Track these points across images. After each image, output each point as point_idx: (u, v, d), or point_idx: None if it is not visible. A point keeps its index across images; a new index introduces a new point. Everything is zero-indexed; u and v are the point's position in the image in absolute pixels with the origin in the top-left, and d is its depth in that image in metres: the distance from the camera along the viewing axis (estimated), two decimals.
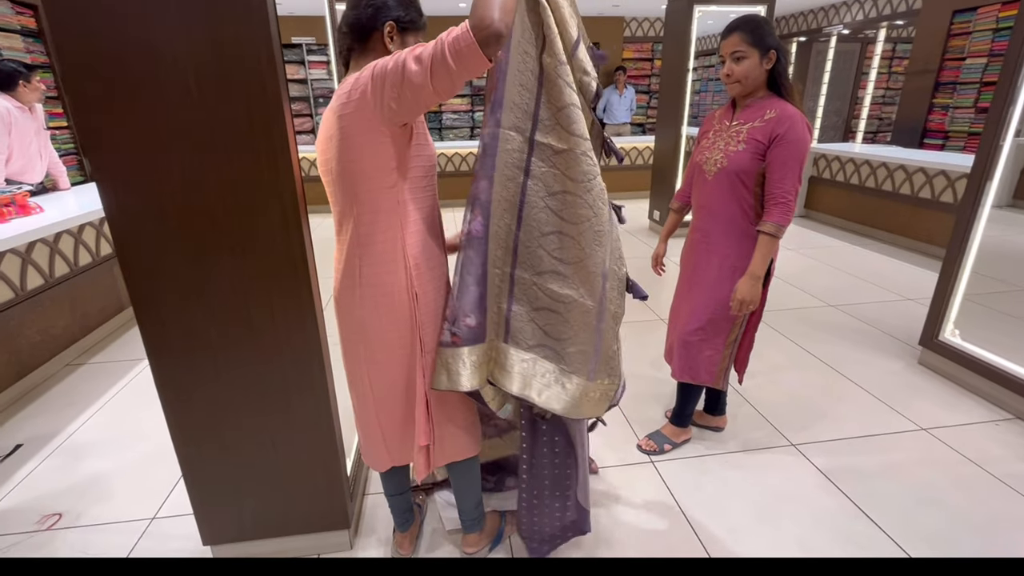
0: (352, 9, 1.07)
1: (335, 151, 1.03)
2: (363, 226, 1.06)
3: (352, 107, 0.98)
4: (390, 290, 1.09)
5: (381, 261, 1.08)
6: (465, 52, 0.86)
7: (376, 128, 0.99)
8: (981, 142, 2.17)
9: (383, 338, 1.13)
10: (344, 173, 1.04)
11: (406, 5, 1.08)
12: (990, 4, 4.96)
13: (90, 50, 0.96)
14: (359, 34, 1.07)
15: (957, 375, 2.29)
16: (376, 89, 0.95)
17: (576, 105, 1.07)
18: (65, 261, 2.62)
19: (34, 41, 4.10)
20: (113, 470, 1.85)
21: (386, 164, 1.02)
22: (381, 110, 0.96)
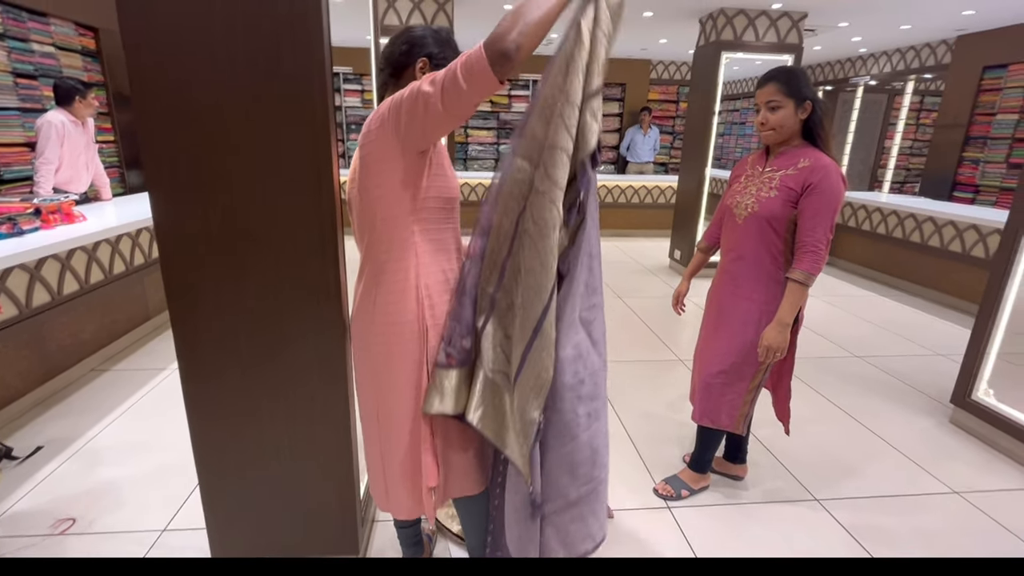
0: (390, 45, 1.12)
1: (358, 179, 1.06)
2: (379, 255, 1.08)
3: (373, 136, 1.01)
4: (401, 320, 1.08)
5: (394, 292, 1.07)
6: (476, 71, 0.86)
7: (394, 156, 1.00)
8: (1015, 198, 2.14)
9: (392, 372, 1.11)
10: (363, 201, 1.06)
11: (441, 43, 1.11)
12: (1020, 62, 4.98)
13: (159, 71, 1.02)
14: (394, 69, 1.11)
15: (991, 437, 2.20)
16: (393, 116, 0.97)
17: (565, 150, 1.01)
18: (101, 269, 2.71)
19: (92, 61, 4.35)
20: (129, 478, 1.86)
21: (401, 193, 1.03)
22: (397, 136, 0.98)
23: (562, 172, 1.02)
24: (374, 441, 1.19)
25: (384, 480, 1.21)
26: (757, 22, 4.50)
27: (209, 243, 1.12)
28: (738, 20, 4.48)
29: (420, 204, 1.05)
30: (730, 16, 4.47)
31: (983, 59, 5.28)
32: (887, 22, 5.11)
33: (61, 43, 3.99)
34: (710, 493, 1.86)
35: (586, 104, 1.03)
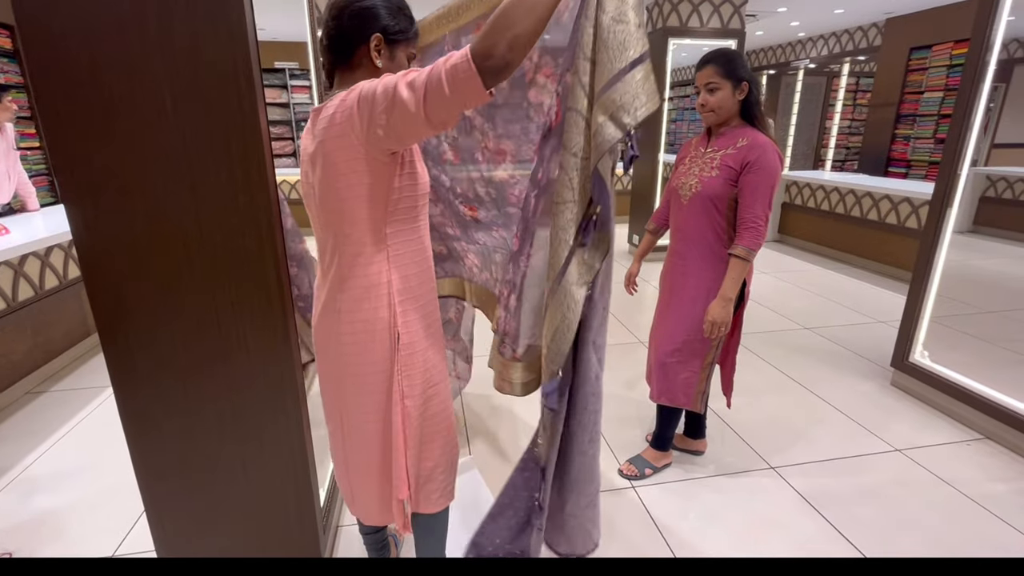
0: (334, 19, 0.97)
1: (318, 176, 0.95)
2: (346, 257, 0.99)
3: (336, 131, 0.90)
4: (371, 327, 1.01)
5: (363, 296, 1.00)
6: (463, 82, 0.77)
7: (361, 156, 0.90)
8: (940, 172, 2.28)
9: (359, 379, 1.04)
10: (327, 200, 0.96)
11: (394, 12, 0.98)
12: (943, 42, 5.28)
13: (64, 68, 0.95)
14: (343, 48, 0.97)
15: (928, 396, 2.34)
16: (363, 114, 0.86)
17: (574, 153, 0.97)
18: (30, 284, 2.53)
19: (9, 61, 4.04)
20: (71, 505, 1.75)
21: (371, 194, 0.94)
22: (367, 137, 0.88)
23: (567, 182, 1.02)
24: (339, 447, 1.15)
25: (350, 486, 1.17)
26: (701, 8, 4.59)
27: (134, 252, 1.05)
28: (683, 7, 4.57)
29: (392, 205, 0.97)
30: (675, 3, 4.55)
31: (910, 40, 5.58)
32: (822, 6, 5.32)
33: None
34: (672, 470, 1.91)
35: (603, 92, 0.93)
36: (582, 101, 0.99)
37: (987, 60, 2.06)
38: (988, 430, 2.10)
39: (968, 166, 2.20)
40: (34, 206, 3.36)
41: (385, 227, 0.98)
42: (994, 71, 2.08)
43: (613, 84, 0.92)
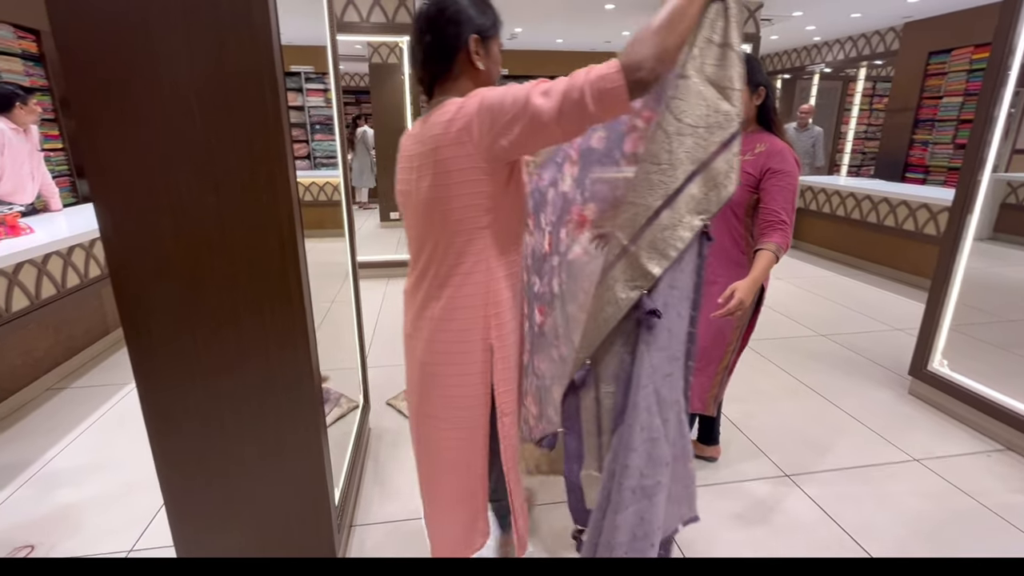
0: (429, 33, 0.96)
1: (426, 183, 0.94)
2: (446, 266, 0.98)
3: (452, 138, 0.89)
4: (466, 338, 0.99)
5: (461, 305, 0.98)
6: (609, 92, 0.77)
7: (476, 164, 0.90)
8: (960, 178, 2.25)
9: (446, 391, 1.03)
10: (432, 206, 0.95)
11: (482, 8, 0.97)
12: (963, 47, 5.21)
13: (95, 73, 0.97)
14: (442, 58, 0.96)
15: (947, 405, 2.31)
16: (484, 123, 0.86)
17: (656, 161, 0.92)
18: (52, 283, 2.59)
19: (34, 65, 4.14)
20: (90, 500, 1.78)
21: (481, 203, 0.93)
22: (487, 146, 0.88)
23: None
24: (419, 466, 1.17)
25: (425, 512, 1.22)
26: None
27: (160, 252, 1.08)
28: None
29: (499, 216, 0.96)
30: None
31: (928, 45, 5.51)
32: (838, 10, 5.27)
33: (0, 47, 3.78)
34: None
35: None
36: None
37: (1009, 64, 2.03)
38: (1009, 441, 2.06)
39: (989, 172, 2.16)
40: (57, 206, 3.43)
41: (491, 237, 0.97)
42: (1016, 75, 2.05)
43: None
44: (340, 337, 2.24)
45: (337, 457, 1.49)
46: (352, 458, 1.81)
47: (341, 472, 1.67)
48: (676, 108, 0.92)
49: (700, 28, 0.90)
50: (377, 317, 3.54)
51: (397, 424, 2.24)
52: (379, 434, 2.18)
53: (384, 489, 1.84)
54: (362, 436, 2.06)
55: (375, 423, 2.25)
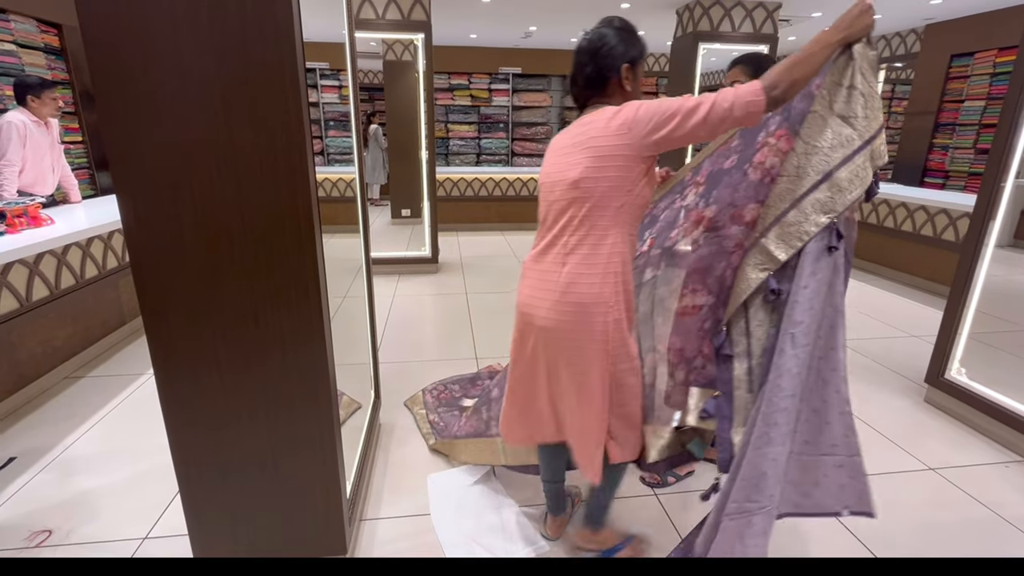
0: (589, 64, 1.23)
1: (581, 165, 1.17)
2: (586, 244, 1.18)
3: (612, 131, 1.14)
4: (593, 310, 1.18)
5: (593, 277, 1.18)
6: (753, 106, 1.05)
7: (630, 152, 1.14)
8: (983, 183, 2.20)
9: (580, 351, 1.21)
10: (583, 185, 1.16)
11: (631, 40, 1.23)
12: (987, 50, 5.11)
13: (121, 66, 0.99)
14: (600, 84, 1.23)
15: (964, 414, 2.27)
16: (643, 120, 1.11)
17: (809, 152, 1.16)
18: (72, 273, 2.63)
19: (56, 58, 4.20)
20: (106, 487, 1.81)
21: (623, 185, 1.16)
22: (643, 136, 1.12)
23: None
24: (543, 407, 1.36)
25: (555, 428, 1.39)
26: (733, 12, 4.54)
27: (181, 244, 1.09)
28: (714, 11, 4.52)
29: (633, 201, 1.18)
30: (706, 7, 4.50)
31: (951, 47, 5.41)
32: None
33: (23, 40, 3.85)
34: (696, 479, 1.88)
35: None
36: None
37: None
38: None
39: (1013, 178, 2.12)
40: (76, 198, 3.49)
41: (625, 217, 1.19)
42: None
43: (878, 135, 1.13)
44: (352, 332, 2.25)
45: (348, 452, 1.50)
46: (363, 453, 1.82)
47: (352, 467, 1.69)
48: (806, 135, 1.16)
49: (830, 73, 1.13)
50: (388, 313, 3.56)
51: (407, 420, 2.25)
52: (389, 430, 2.19)
53: (394, 484, 1.85)
54: (373, 431, 2.07)
55: (385, 419, 2.26)
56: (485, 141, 8.35)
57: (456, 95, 8.08)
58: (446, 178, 6.18)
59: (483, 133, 8.33)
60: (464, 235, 6.12)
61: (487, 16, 5.54)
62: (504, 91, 8.13)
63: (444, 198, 6.20)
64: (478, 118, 8.24)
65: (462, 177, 6.27)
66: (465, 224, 6.34)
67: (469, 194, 6.32)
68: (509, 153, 8.43)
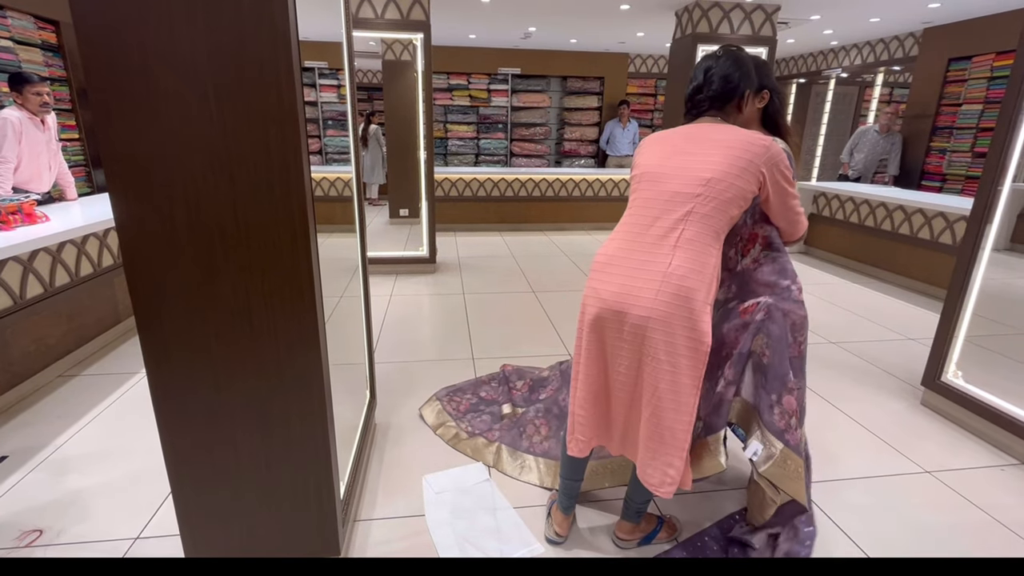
0: (717, 81, 1.35)
1: (714, 169, 1.24)
2: (699, 242, 1.24)
3: (750, 154, 1.25)
4: (695, 305, 1.21)
5: (702, 275, 1.23)
6: (796, 237, 1.43)
7: (757, 176, 1.26)
8: (980, 187, 2.21)
9: (672, 339, 1.21)
10: (716, 190, 1.24)
11: (762, 73, 1.39)
12: (984, 54, 5.12)
13: (115, 61, 0.98)
14: (729, 94, 1.36)
15: (960, 417, 2.27)
16: (777, 164, 1.27)
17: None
18: (66, 271, 2.62)
19: (53, 55, 4.19)
20: (99, 486, 1.80)
21: (740, 203, 1.27)
22: (768, 176, 1.27)
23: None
24: (621, 402, 1.37)
25: (615, 434, 1.44)
26: (732, 15, 4.55)
27: (174, 242, 1.08)
28: (713, 13, 4.52)
29: (735, 219, 1.30)
30: (705, 9, 4.51)
31: (948, 51, 5.42)
32: (857, 15, 5.21)
33: (20, 37, 3.83)
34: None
35: None
36: None
37: None
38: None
39: (1010, 182, 2.12)
40: (72, 196, 3.47)
41: (726, 229, 1.29)
42: None
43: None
44: (348, 332, 2.24)
45: (343, 451, 1.49)
46: (357, 453, 1.81)
47: (347, 467, 1.68)
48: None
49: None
50: (385, 313, 3.55)
51: (402, 420, 2.24)
52: (384, 429, 2.18)
53: (388, 484, 1.84)
54: (368, 431, 2.06)
55: (381, 419, 2.25)
56: (484, 141, 8.34)
57: (455, 95, 8.07)
58: (444, 178, 6.17)
59: (482, 133, 8.32)
60: (462, 235, 6.11)
61: (486, 17, 5.54)
62: (503, 91, 8.13)
63: (442, 198, 6.19)
64: (477, 118, 8.24)
65: (460, 177, 6.27)
66: (463, 224, 6.33)
67: (467, 194, 6.31)
68: (508, 153, 8.43)
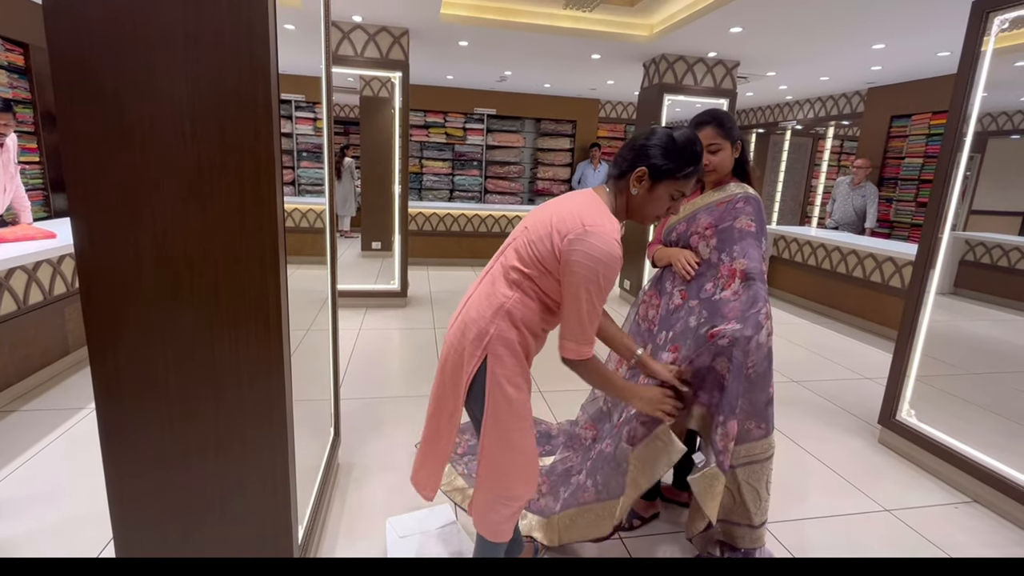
0: (626, 147, 1.25)
1: (542, 239, 1.20)
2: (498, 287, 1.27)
3: (553, 242, 1.18)
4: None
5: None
6: (575, 357, 1.24)
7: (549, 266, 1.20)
8: (922, 234, 2.36)
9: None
10: (532, 252, 1.22)
11: (669, 154, 1.19)
12: (922, 113, 5.58)
13: (89, 90, 0.97)
14: (620, 171, 1.24)
15: (915, 455, 2.34)
16: (560, 261, 1.17)
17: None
18: (14, 298, 2.48)
19: (19, 77, 4.10)
20: (31, 533, 1.66)
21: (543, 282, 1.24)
22: (557, 262, 1.18)
23: None
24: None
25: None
26: (695, 68, 4.84)
27: (136, 269, 1.05)
28: (678, 65, 4.80)
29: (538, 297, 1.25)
30: (671, 61, 4.78)
31: (891, 109, 5.88)
32: (808, 73, 5.62)
33: None
34: (660, 521, 1.87)
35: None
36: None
37: (964, 132, 2.18)
38: (976, 493, 2.09)
39: (949, 230, 2.28)
40: (27, 220, 3.34)
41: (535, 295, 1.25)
42: (971, 142, 2.20)
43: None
44: (314, 367, 2.18)
45: (303, 492, 1.43)
46: (319, 494, 1.74)
47: (307, 508, 1.60)
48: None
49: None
50: (353, 347, 3.48)
51: (366, 459, 2.17)
52: (347, 469, 2.10)
53: (350, 526, 1.76)
54: (330, 471, 1.98)
55: (344, 458, 2.17)
56: (459, 178, 8.47)
57: (431, 132, 8.22)
58: (418, 212, 6.20)
59: (457, 170, 8.46)
60: (434, 270, 6.11)
61: (464, 59, 5.73)
62: (479, 130, 8.33)
63: (416, 232, 6.20)
64: (452, 155, 8.38)
65: (435, 212, 6.31)
66: (436, 259, 6.33)
67: (441, 229, 6.34)
68: (482, 190, 8.56)
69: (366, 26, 4.18)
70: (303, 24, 4.20)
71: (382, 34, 4.23)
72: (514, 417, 1.24)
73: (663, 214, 1.26)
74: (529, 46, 4.87)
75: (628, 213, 1.27)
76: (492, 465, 1.27)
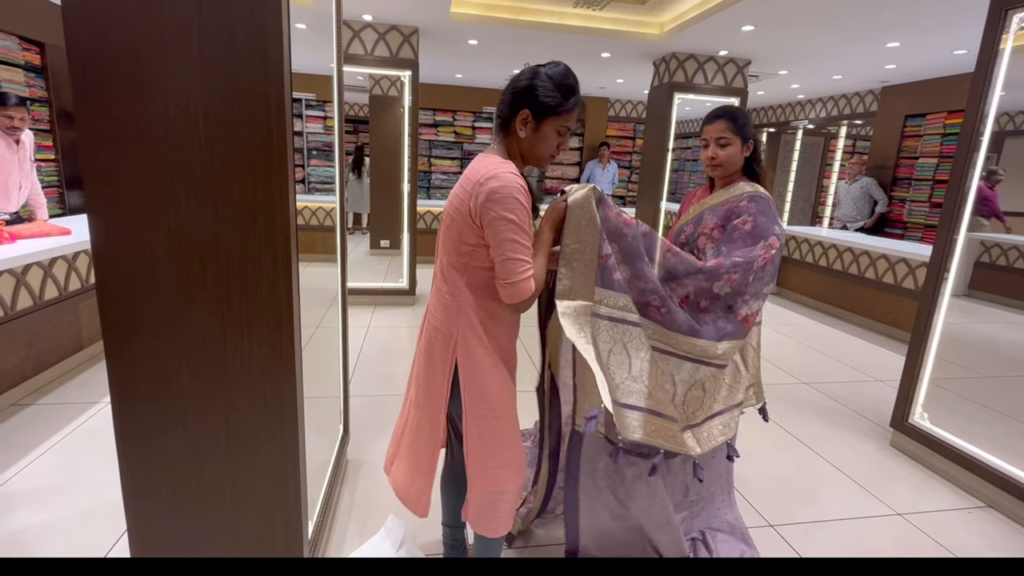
0: (506, 91, 1.21)
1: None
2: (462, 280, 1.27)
3: (465, 198, 1.18)
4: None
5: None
6: (518, 295, 1.18)
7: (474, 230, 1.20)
8: (937, 236, 2.33)
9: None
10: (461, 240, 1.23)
11: (548, 91, 1.17)
12: (937, 112, 5.50)
13: (105, 87, 0.98)
14: (502, 120, 1.22)
15: (928, 459, 2.32)
16: (480, 218, 1.16)
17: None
18: (30, 294, 2.52)
19: (36, 76, 4.16)
20: (47, 524, 1.69)
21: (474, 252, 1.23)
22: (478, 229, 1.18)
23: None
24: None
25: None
26: (706, 67, 4.81)
27: (151, 266, 1.06)
28: (688, 64, 4.78)
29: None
30: (681, 60, 4.76)
31: (905, 108, 5.80)
32: (821, 72, 5.56)
33: (2, 57, 3.81)
34: None
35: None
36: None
37: (981, 131, 2.15)
38: (990, 498, 2.06)
39: (964, 232, 2.25)
40: (43, 217, 3.39)
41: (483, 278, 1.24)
42: (987, 141, 2.16)
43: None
44: (323, 364, 2.20)
45: (313, 488, 1.44)
46: (328, 490, 1.75)
47: (316, 504, 1.61)
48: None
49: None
50: (362, 345, 3.50)
51: (375, 456, 2.18)
52: (357, 465, 2.11)
53: (359, 522, 1.78)
54: (340, 467, 2.00)
55: (353, 455, 2.18)
56: None
57: (440, 131, 8.24)
58: (427, 211, 6.22)
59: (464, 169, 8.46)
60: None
61: (473, 58, 5.73)
62: (487, 129, 8.33)
63: (425, 230, 6.22)
64: (461, 154, 8.39)
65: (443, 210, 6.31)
66: None
67: None
68: None
69: (376, 25, 4.19)
70: (314, 23, 4.23)
71: (392, 33, 4.25)
72: (492, 414, 1.25)
73: (555, 152, 1.25)
74: (539, 45, 4.87)
75: (523, 159, 1.26)
76: (479, 464, 1.27)
